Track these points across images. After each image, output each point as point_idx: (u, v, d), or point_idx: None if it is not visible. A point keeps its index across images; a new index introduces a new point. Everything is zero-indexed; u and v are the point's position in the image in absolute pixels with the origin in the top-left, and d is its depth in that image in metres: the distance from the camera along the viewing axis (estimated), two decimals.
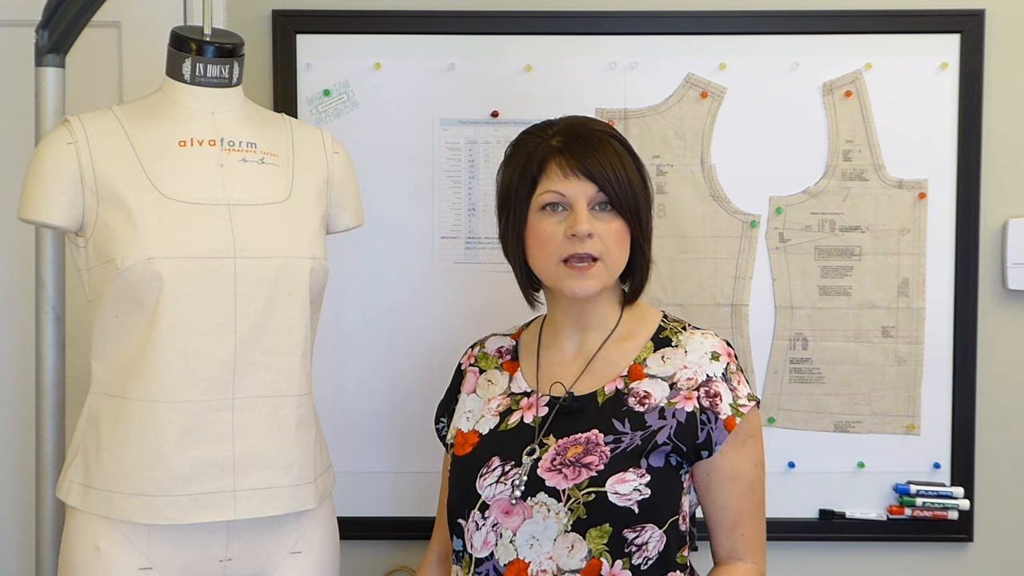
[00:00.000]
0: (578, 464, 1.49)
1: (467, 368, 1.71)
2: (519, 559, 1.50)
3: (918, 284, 2.17)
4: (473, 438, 1.61)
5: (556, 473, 1.50)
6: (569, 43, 2.15)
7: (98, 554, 1.56)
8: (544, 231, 1.54)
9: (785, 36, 2.15)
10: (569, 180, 1.53)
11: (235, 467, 1.57)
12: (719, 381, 1.54)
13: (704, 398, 1.52)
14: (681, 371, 1.55)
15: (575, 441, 1.52)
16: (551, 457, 1.52)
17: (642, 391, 1.54)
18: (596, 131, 1.58)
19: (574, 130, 1.58)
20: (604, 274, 1.54)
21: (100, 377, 1.61)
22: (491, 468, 1.55)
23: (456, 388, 1.72)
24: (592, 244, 1.52)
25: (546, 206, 1.55)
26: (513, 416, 1.59)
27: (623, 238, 1.55)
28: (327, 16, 2.15)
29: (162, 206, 1.56)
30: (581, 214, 1.52)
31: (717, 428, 1.51)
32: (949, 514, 2.16)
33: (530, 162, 1.57)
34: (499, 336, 1.73)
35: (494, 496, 1.52)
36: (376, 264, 2.16)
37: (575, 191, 1.53)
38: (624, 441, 1.50)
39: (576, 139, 1.56)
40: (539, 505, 1.49)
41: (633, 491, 1.47)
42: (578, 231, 1.51)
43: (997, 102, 2.17)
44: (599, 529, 1.47)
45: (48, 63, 1.75)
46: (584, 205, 1.52)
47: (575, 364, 1.60)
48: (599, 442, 1.51)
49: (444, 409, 1.74)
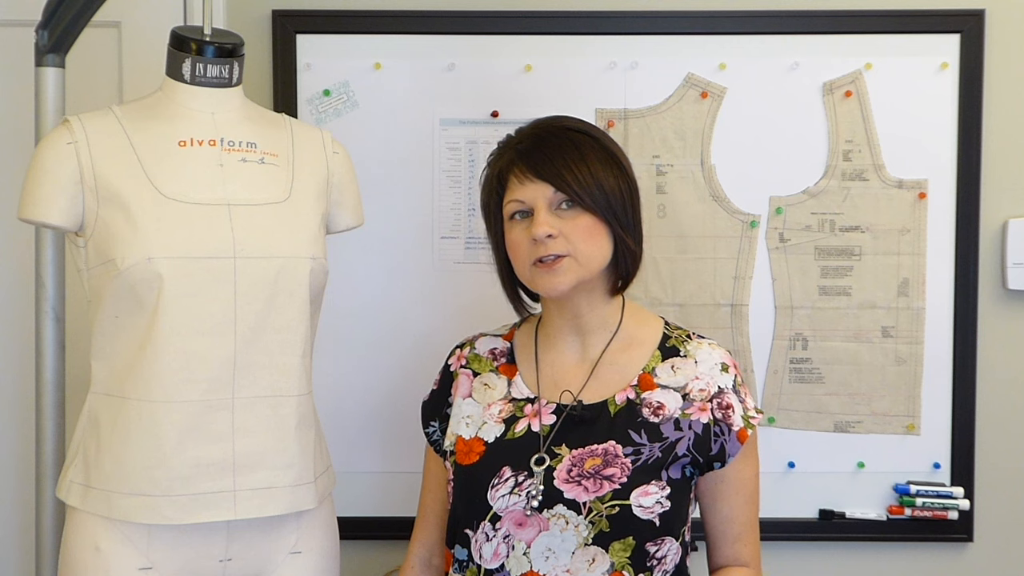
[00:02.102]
0: (599, 476, 1.48)
1: (458, 370, 1.68)
2: (533, 571, 1.49)
3: (918, 284, 2.17)
4: (478, 446, 1.58)
5: (575, 485, 1.49)
6: (569, 43, 2.15)
7: (98, 554, 1.56)
8: (514, 239, 1.55)
9: (785, 36, 2.15)
10: (526, 186, 1.52)
11: (235, 467, 1.57)
12: (730, 393, 1.55)
13: (717, 410, 1.53)
14: (693, 382, 1.55)
15: (592, 452, 1.51)
16: (567, 468, 1.50)
17: (655, 401, 1.53)
18: (557, 130, 1.56)
19: (536, 133, 1.57)
20: (575, 268, 1.51)
21: (100, 377, 1.61)
22: (503, 479, 1.53)
23: (447, 391, 1.69)
24: (555, 244, 1.50)
25: (514, 215, 1.55)
26: (519, 424, 1.57)
27: (593, 232, 1.52)
28: (327, 16, 2.15)
29: (162, 206, 1.56)
30: (538, 217, 1.50)
31: (731, 440, 1.53)
32: (949, 514, 2.16)
33: (496, 175, 1.58)
34: (490, 336, 1.70)
35: (507, 507, 1.50)
36: (376, 264, 2.16)
37: (533, 195, 1.52)
38: (644, 453, 1.50)
39: (535, 143, 1.55)
40: (556, 517, 1.48)
41: (656, 504, 1.48)
42: (536, 234, 1.49)
43: (997, 102, 2.17)
44: (622, 542, 1.47)
45: (48, 63, 1.75)
46: (544, 207, 1.51)
47: (579, 369, 1.59)
48: (618, 454, 1.50)
49: (433, 412, 1.71)
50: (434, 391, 1.72)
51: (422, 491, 1.74)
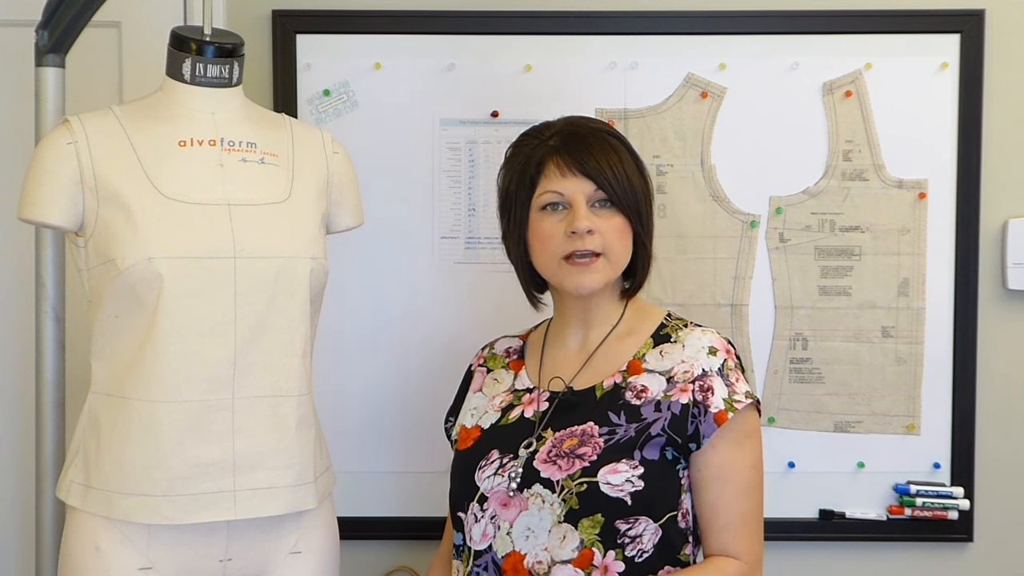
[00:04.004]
0: (572, 455, 1.50)
1: (476, 368, 1.73)
2: (516, 551, 1.50)
3: (918, 284, 2.17)
4: (475, 433, 1.62)
5: (551, 464, 1.51)
6: (569, 43, 2.15)
7: (98, 554, 1.56)
8: (545, 230, 1.55)
9: (785, 36, 2.15)
10: (567, 179, 1.54)
11: (235, 467, 1.57)
12: (714, 375, 1.53)
13: (698, 392, 1.51)
14: (678, 365, 1.55)
15: (571, 433, 1.53)
16: (547, 449, 1.52)
17: (639, 385, 1.54)
18: (593, 130, 1.59)
19: (571, 129, 1.59)
20: (608, 269, 1.55)
21: (100, 377, 1.61)
22: (490, 461, 1.56)
23: (466, 389, 1.74)
24: (592, 240, 1.52)
25: (546, 206, 1.56)
26: (514, 411, 1.60)
27: (624, 233, 1.56)
28: (327, 16, 2.15)
29: (162, 206, 1.56)
30: (580, 210, 1.52)
31: (706, 421, 1.50)
32: (949, 514, 2.16)
33: (529, 163, 1.58)
34: (508, 337, 1.75)
35: (492, 488, 1.53)
36: (376, 264, 2.16)
37: (573, 189, 1.54)
38: (618, 433, 1.51)
39: (573, 138, 1.57)
40: (534, 496, 1.50)
41: (625, 482, 1.47)
42: (578, 228, 1.51)
43: (997, 102, 2.17)
44: (591, 519, 1.47)
45: (48, 63, 1.75)
46: (583, 202, 1.53)
47: (576, 359, 1.61)
48: (594, 434, 1.51)
49: (453, 408, 1.76)
50: (458, 391, 1.76)
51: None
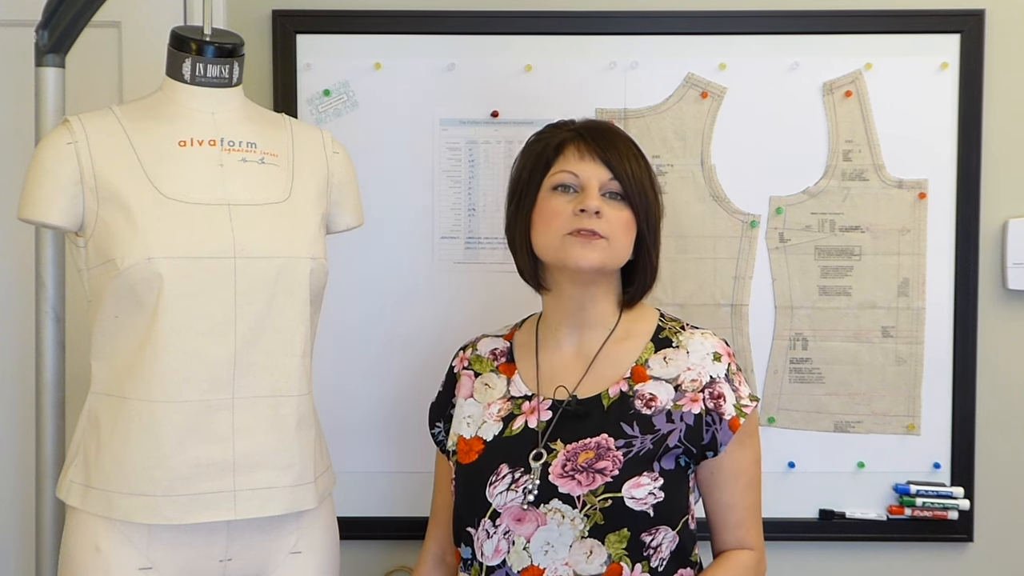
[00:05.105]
0: (591, 470, 1.50)
1: (460, 371, 1.70)
2: (534, 566, 1.50)
3: (918, 284, 2.17)
4: (477, 445, 1.60)
5: (569, 479, 1.50)
6: (569, 43, 2.15)
7: (98, 554, 1.56)
8: (552, 208, 1.56)
9: (785, 36, 2.15)
10: (585, 162, 1.55)
11: (235, 467, 1.57)
12: (722, 382, 1.56)
13: (709, 400, 1.54)
14: (685, 372, 1.56)
15: (585, 446, 1.52)
16: (561, 463, 1.52)
17: (647, 393, 1.55)
18: (618, 131, 1.64)
19: (596, 125, 1.63)
20: (609, 251, 1.54)
21: (100, 377, 1.61)
22: (500, 476, 1.54)
23: (451, 392, 1.71)
24: (599, 223, 1.52)
25: (557, 187, 1.57)
26: (516, 421, 1.59)
27: (630, 228, 1.56)
28: (327, 16, 2.15)
29: (162, 206, 1.56)
30: (591, 193, 1.54)
31: (722, 429, 1.53)
32: (949, 514, 2.16)
33: (547, 147, 1.60)
34: (491, 337, 1.72)
35: (505, 504, 1.52)
36: (376, 264, 2.16)
37: (589, 173, 1.55)
38: (635, 445, 1.51)
39: (598, 130, 1.61)
40: (553, 512, 1.49)
41: (648, 495, 1.49)
42: (587, 206, 1.52)
43: (997, 102, 2.17)
44: (617, 534, 1.48)
45: (48, 63, 1.75)
46: (596, 187, 1.54)
47: (576, 365, 1.60)
48: (610, 447, 1.51)
49: (439, 413, 1.73)
50: (440, 393, 1.74)
51: (434, 491, 1.76)
